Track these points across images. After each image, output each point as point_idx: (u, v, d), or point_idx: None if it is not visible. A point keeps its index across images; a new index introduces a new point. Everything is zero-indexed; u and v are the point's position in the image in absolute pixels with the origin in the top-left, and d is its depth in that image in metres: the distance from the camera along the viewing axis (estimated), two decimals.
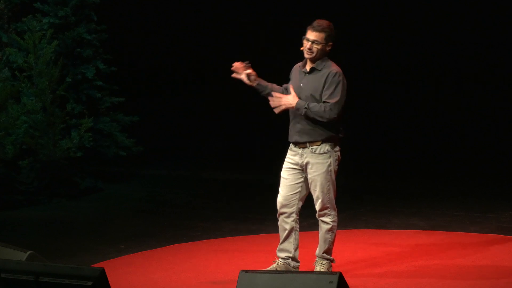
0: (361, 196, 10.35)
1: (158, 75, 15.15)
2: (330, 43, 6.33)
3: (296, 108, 6.23)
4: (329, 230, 6.35)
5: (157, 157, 13.69)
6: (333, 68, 6.33)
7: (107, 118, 11.66)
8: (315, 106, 6.19)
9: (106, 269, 4.34)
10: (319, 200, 6.29)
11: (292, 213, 6.38)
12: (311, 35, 6.28)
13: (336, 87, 6.25)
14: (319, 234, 6.40)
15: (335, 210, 6.36)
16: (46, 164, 10.79)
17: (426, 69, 13.89)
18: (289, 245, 6.42)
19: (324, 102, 6.23)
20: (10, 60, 10.89)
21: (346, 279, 4.16)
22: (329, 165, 6.27)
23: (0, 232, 8.90)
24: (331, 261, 6.45)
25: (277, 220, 6.49)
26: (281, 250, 6.46)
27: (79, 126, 10.98)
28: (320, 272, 5.92)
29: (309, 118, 6.22)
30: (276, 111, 6.31)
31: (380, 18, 13.84)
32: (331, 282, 4.07)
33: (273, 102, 6.29)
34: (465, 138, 13.34)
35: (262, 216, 8.11)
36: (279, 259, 6.45)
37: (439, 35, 13.67)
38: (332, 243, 6.40)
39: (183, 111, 14.79)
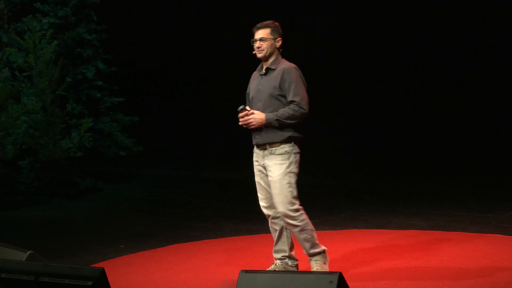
0: (361, 196, 10.35)
1: (158, 75, 15.15)
2: (279, 38, 6.34)
3: (268, 123, 6.17)
4: (301, 231, 6.25)
5: (157, 157, 13.70)
6: (286, 64, 6.30)
7: (107, 118, 11.66)
8: (284, 113, 6.16)
9: (106, 269, 4.34)
10: (280, 203, 6.21)
11: (276, 213, 6.35)
12: (257, 34, 6.32)
13: (296, 83, 6.21)
14: (296, 237, 6.31)
15: (299, 211, 6.26)
16: (46, 164, 10.80)
17: (426, 69, 13.90)
18: (283, 244, 6.42)
19: (290, 102, 6.20)
20: (10, 60, 10.90)
21: (346, 279, 4.16)
22: (288, 167, 6.22)
23: (0, 232, 8.90)
24: (323, 252, 6.38)
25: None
26: (277, 251, 6.46)
27: (79, 126, 10.98)
28: (320, 272, 5.92)
29: (284, 126, 6.18)
30: (250, 127, 6.26)
31: (379, 18, 13.84)
32: (331, 282, 4.06)
33: (243, 121, 6.21)
34: (465, 138, 13.35)
35: (262, 216, 8.04)
36: (277, 260, 6.46)
37: (439, 35, 13.67)
38: (312, 237, 6.29)
39: (183, 111, 14.79)
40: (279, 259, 6.44)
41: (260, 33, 6.32)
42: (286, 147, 6.23)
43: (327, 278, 4.09)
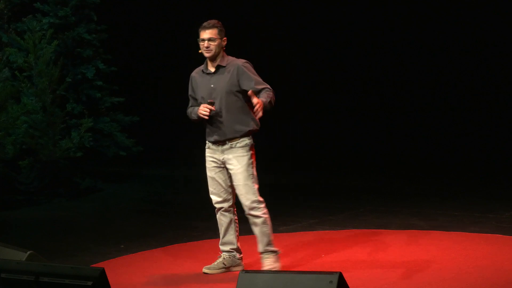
0: (361, 196, 10.35)
1: (158, 75, 15.15)
2: (225, 38, 6.50)
3: (265, 104, 6.24)
4: (263, 223, 6.43)
5: (157, 157, 13.69)
6: (238, 61, 6.47)
7: (107, 118, 11.66)
8: (268, 95, 6.28)
9: (106, 269, 4.35)
10: (244, 194, 6.39)
11: (229, 206, 6.57)
12: (204, 34, 6.44)
13: (253, 75, 6.38)
14: (256, 231, 6.48)
15: (262, 202, 6.45)
16: (46, 164, 10.79)
17: (426, 69, 13.89)
18: (231, 237, 6.62)
19: (262, 89, 6.33)
20: (10, 60, 10.90)
21: (346, 279, 4.16)
22: (249, 158, 6.40)
23: (0, 232, 8.90)
24: (276, 252, 6.54)
25: (276, 220, 6.56)
26: (224, 244, 6.63)
27: (79, 126, 10.98)
28: (320, 272, 5.93)
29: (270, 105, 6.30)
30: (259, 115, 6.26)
31: (379, 18, 13.83)
32: (331, 282, 4.07)
33: (260, 108, 6.22)
34: (465, 138, 13.35)
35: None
36: (223, 253, 6.63)
37: (439, 35, 13.66)
38: (270, 234, 6.49)
39: (183, 111, 14.77)
40: (227, 251, 6.63)
41: (208, 33, 6.43)
42: (246, 140, 6.41)
43: (327, 278, 4.09)
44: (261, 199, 6.43)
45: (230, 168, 6.41)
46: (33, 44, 10.67)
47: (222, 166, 6.47)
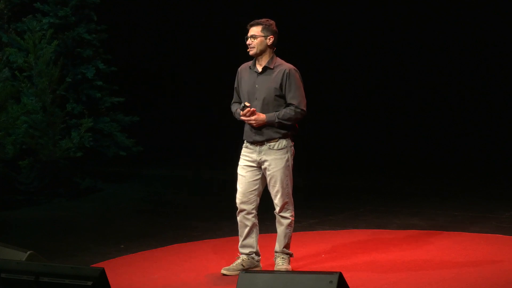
0: (361, 196, 10.35)
1: (158, 75, 15.14)
2: (271, 36, 6.46)
3: (269, 124, 6.35)
4: (289, 225, 6.52)
5: (157, 157, 13.69)
6: (286, 65, 6.46)
7: (107, 118, 11.65)
8: (285, 114, 6.35)
9: (106, 269, 4.35)
10: (279, 196, 6.43)
11: (252, 209, 6.56)
12: (249, 31, 6.47)
13: (296, 85, 6.41)
14: (279, 230, 6.55)
15: (292, 205, 6.53)
16: (46, 164, 10.79)
17: (426, 69, 13.89)
18: (252, 240, 6.60)
19: (289, 104, 6.39)
20: (10, 60, 10.89)
21: (346, 279, 4.16)
22: (287, 160, 6.43)
23: (0, 232, 8.89)
24: (291, 255, 6.62)
25: (275, 219, 6.58)
26: (244, 246, 6.62)
27: (79, 126, 10.98)
28: (320, 272, 5.93)
29: (282, 125, 6.37)
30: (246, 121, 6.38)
31: (379, 18, 13.82)
32: (331, 282, 4.07)
33: (246, 120, 6.33)
34: (465, 138, 13.35)
35: (262, 216, 8.07)
36: (243, 255, 6.61)
37: (439, 35, 13.66)
38: (290, 237, 6.57)
39: (183, 111, 14.78)
40: (246, 254, 6.61)
41: (251, 31, 6.46)
42: (284, 142, 6.43)
43: (327, 278, 4.10)
44: (292, 202, 6.50)
45: (268, 169, 6.43)
46: (33, 44, 10.67)
47: (257, 166, 6.48)
